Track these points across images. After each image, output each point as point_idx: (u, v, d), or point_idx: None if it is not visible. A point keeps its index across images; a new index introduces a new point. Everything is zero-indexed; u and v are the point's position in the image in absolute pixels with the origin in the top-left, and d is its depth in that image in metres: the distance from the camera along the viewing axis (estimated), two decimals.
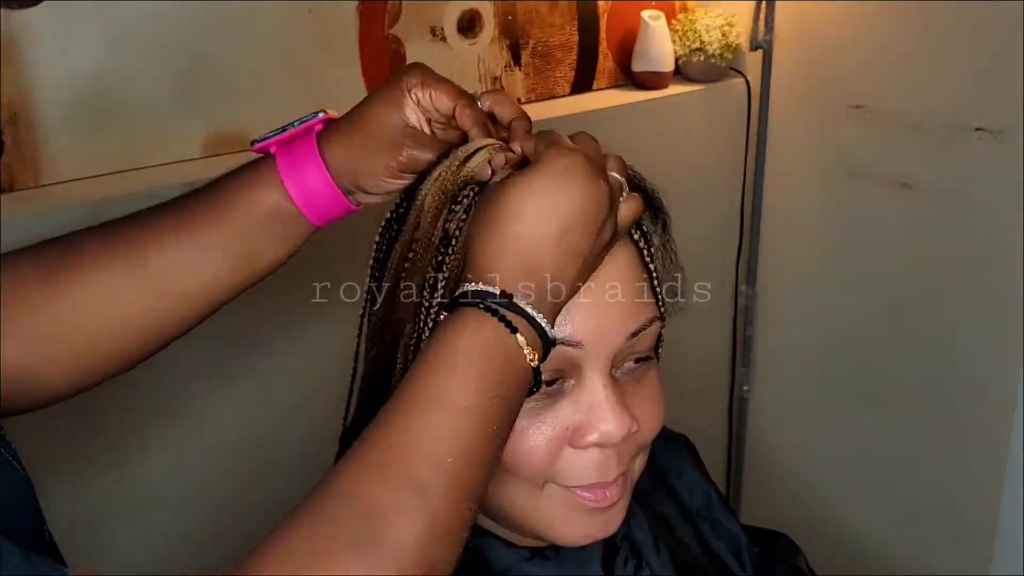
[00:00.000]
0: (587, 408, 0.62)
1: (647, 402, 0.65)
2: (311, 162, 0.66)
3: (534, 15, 1.60)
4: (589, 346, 0.61)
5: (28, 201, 1.18)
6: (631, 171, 0.68)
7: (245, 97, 1.34)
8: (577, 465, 0.63)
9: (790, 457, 1.91)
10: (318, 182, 0.65)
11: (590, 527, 0.65)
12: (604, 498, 0.64)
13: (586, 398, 0.62)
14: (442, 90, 0.64)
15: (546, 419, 0.62)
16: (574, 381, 0.62)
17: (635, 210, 0.62)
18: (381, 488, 0.51)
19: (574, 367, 0.62)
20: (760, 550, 0.87)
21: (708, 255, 1.81)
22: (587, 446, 0.62)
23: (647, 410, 0.65)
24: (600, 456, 0.63)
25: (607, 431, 0.61)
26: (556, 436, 0.62)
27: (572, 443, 0.62)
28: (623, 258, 0.64)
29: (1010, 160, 1.43)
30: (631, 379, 0.65)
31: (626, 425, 0.62)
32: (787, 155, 1.77)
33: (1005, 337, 1.49)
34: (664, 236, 0.70)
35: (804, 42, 1.69)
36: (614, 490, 0.64)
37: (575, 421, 0.62)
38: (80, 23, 1.19)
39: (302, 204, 0.66)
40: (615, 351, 0.63)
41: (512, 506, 0.65)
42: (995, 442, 1.54)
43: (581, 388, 0.62)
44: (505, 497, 0.64)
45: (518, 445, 0.61)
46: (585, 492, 0.64)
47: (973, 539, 1.60)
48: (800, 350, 1.85)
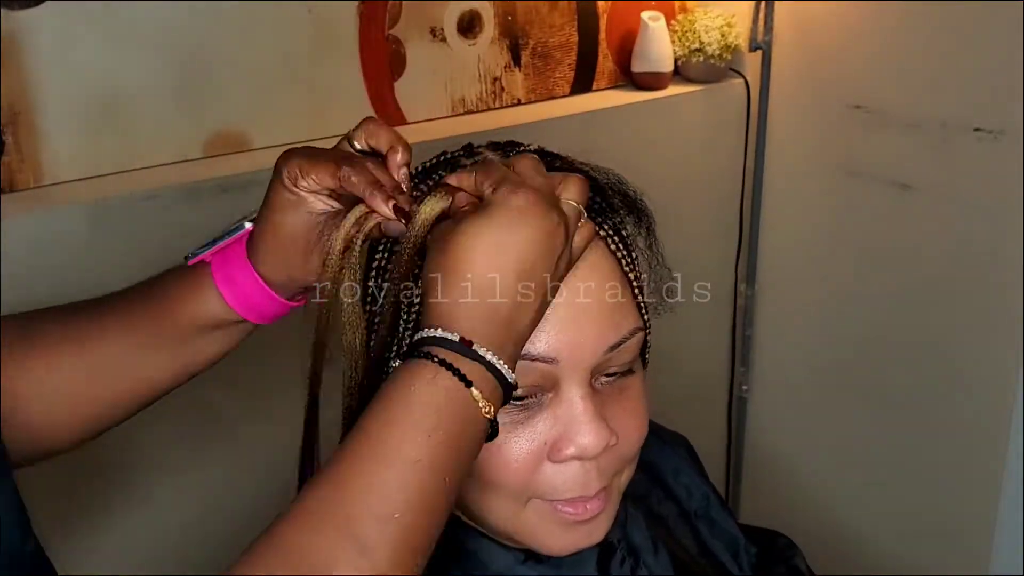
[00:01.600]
0: (565, 421, 0.61)
1: (628, 414, 0.64)
2: (244, 273, 0.67)
3: (534, 15, 1.60)
4: (565, 362, 0.60)
5: (28, 201, 1.18)
6: (609, 177, 0.67)
7: (245, 97, 1.34)
8: (556, 479, 0.62)
9: (789, 457, 1.91)
10: (254, 289, 0.67)
11: (574, 538, 0.65)
12: (585, 511, 0.63)
13: (564, 411, 0.61)
14: (320, 170, 0.62)
15: (524, 433, 0.61)
16: (552, 394, 0.62)
17: (587, 238, 0.61)
18: (323, 541, 0.50)
19: (551, 381, 0.61)
20: (759, 550, 0.87)
21: (708, 255, 1.82)
22: (566, 459, 0.61)
23: (627, 422, 0.64)
24: (580, 469, 0.62)
25: (584, 444, 0.61)
26: (535, 450, 0.61)
27: (551, 457, 0.62)
28: (599, 269, 0.62)
29: (1009, 160, 1.43)
30: (612, 390, 0.64)
31: (604, 438, 0.61)
32: (786, 155, 1.78)
33: (1004, 337, 1.50)
34: (649, 239, 0.69)
35: (803, 42, 1.69)
36: (595, 504, 0.64)
37: (553, 435, 0.61)
38: (80, 23, 1.19)
39: (242, 311, 0.68)
40: (593, 364, 0.62)
41: (496, 519, 0.65)
42: (993, 442, 1.54)
43: (559, 401, 0.61)
44: (488, 510, 0.64)
45: (497, 459, 0.61)
46: (566, 507, 0.63)
47: (971, 539, 1.61)
48: (799, 350, 1.85)
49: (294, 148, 0.64)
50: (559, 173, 0.61)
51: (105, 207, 1.18)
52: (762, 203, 1.82)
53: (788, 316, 1.85)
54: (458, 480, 0.54)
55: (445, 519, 0.54)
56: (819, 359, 1.81)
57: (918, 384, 1.64)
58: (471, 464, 0.56)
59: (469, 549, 0.68)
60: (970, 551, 1.61)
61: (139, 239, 1.20)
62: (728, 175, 1.81)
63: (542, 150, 0.67)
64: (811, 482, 1.87)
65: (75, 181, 1.24)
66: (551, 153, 0.67)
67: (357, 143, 0.66)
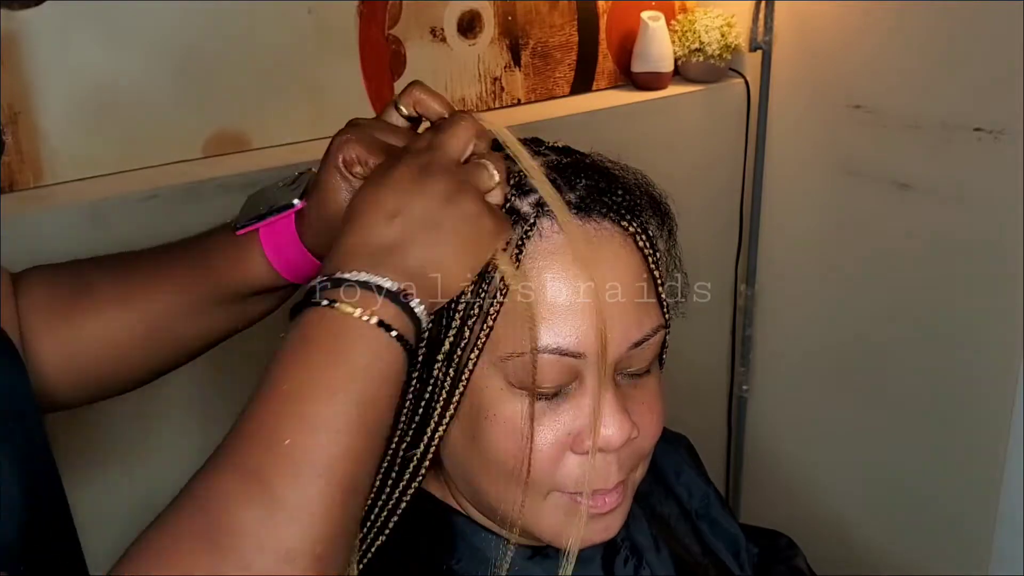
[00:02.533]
0: (589, 413, 0.62)
1: (647, 409, 0.65)
2: (293, 246, 0.71)
3: (534, 15, 1.60)
4: (591, 356, 0.61)
5: (28, 201, 1.18)
6: (638, 177, 0.68)
7: (245, 97, 1.34)
8: (578, 471, 0.63)
9: (789, 456, 1.91)
10: (302, 260, 0.71)
11: (589, 532, 0.65)
12: (604, 504, 0.64)
13: (588, 403, 0.62)
14: (378, 159, 0.64)
15: (548, 424, 0.62)
16: (575, 386, 0.62)
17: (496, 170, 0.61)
18: (220, 478, 0.51)
19: (576, 374, 0.62)
20: (759, 550, 0.87)
21: (708, 255, 1.82)
22: (588, 451, 0.62)
23: (647, 417, 0.65)
24: (602, 462, 0.63)
25: (608, 436, 0.61)
26: (558, 441, 0.62)
27: (574, 448, 0.62)
28: (628, 265, 0.63)
29: (1009, 160, 1.43)
30: (632, 386, 0.65)
31: (627, 430, 0.62)
32: (786, 155, 1.78)
33: (1005, 337, 1.50)
34: (670, 242, 0.69)
35: (803, 42, 1.69)
36: (614, 497, 0.64)
37: (577, 426, 0.62)
38: (80, 23, 1.19)
39: (291, 277, 0.72)
40: (617, 359, 0.62)
41: (510, 509, 0.65)
42: (994, 442, 1.54)
43: (583, 393, 0.62)
44: (502, 500, 0.64)
45: (522, 449, 0.61)
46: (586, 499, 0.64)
47: (972, 539, 1.61)
48: (799, 350, 1.85)
49: (350, 131, 0.66)
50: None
51: (105, 207, 1.18)
52: (762, 203, 1.82)
53: (788, 316, 1.85)
54: (364, 404, 0.53)
55: (367, 447, 0.53)
56: (819, 359, 1.82)
57: (918, 384, 1.64)
58: (385, 388, 0.55)
59: (475, 546, 0.68)
60: (970, 550, 1.61)
61: (139, 239, 1.20)
62: (728, 175, 1.81)
63: (568, 148, 0.68)
64: (811, 482, 1.87)
65: (75, 181, 1.23)
66: (578, 151, 0.68)
67: (404, 108, 0.68)
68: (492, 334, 0.61)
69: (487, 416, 0.62)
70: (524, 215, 0.62)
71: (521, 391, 0.61)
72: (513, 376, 0.61)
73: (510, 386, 0.61)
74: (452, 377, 0.62)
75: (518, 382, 0.61)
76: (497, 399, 0.62)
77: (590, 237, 0.62)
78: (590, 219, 0.62)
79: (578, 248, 0.61)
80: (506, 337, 0.61)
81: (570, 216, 0.62)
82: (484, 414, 0.62)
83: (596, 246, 0.62)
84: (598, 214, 0.63)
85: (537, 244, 0.61)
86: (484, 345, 0.61)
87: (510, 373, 0.61)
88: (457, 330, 0.61)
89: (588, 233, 0.62)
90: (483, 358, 0.62)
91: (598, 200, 0.63)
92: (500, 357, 0.61)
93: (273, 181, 0.75)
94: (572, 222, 0.61)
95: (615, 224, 0.63)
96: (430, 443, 0.63)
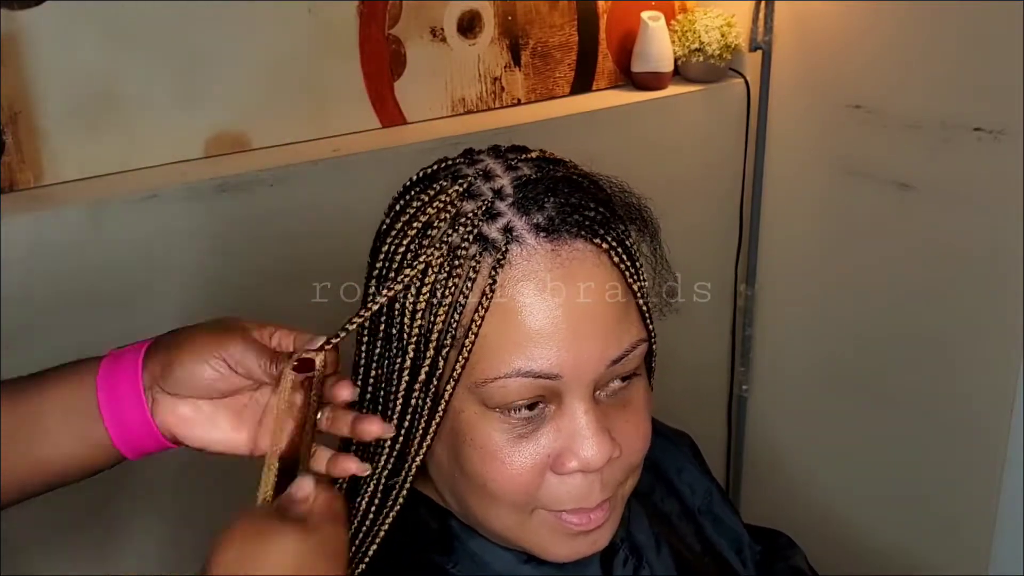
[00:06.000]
0: (568, 434, 0.61)
1: (630, 426, 0.64)
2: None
3: (534, 15, 1.60)
4: (567, 377, 0.60)
5: (28, 201, 1.18)
6: (613, 186, 0.66)
7: (245, 97, 1.34)
8: (560, 491, 0.62)
9: (789, 456, 1.91)
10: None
11: (577, 547, 0.65)
12: (589, 521, 0.64)
13: (567, 424, 0.61)
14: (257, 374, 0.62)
15: (527, 446, 0.61)
16: (555, 407, 0.62)
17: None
18: None
19: (554, 394, 0.61)
20: (761, 548, 0.87)
21: (708, 255, 1.82)
22: (569, 472, 0.62)
23: (630, 434, 0.64)
24: (583, 481, 0.62)
25: (587, 457, 0.61)
26: (538, 463, 0.62)
27: (554, 469, 0.62)
28: (602, 283, 0.61)
29: (1009, 160, 1.43)
30: (615, 401, 0.64)
31: (607, 451, 0.61)
32: (786, 155, 1.78)
33: (1004, 336, 1.50)
34: (654, 244, 0.68)
35: (803, 42, 1.69)
36: (599, 514, 0.64)
37: (556, 447, 0.61)
38: (80, 23, 1.19)
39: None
40: (595, 377, 0.61)
41: (502, 527, 0.65)
42: (994, 442, 1.54)
43: (562, 414, 0.61)
44: (492, 518, 0.64)
45: (500, 472, 0.61)
46: (571, 516, 0.63)
47: (972, 538, 1.61)
48: (799, 350, 1.85)
49: (237, 336, 0.62)
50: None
51: (105, 207, 1.18)
52: (762, 203, 1.82)
53: (788, 316, 1.85)
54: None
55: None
56: (819, 359, 1.82)
57: (918, 383, 1.64)
58: None
59: (471, 550, 0.68)
60: (970, 549, 1.61)
61: (139, 239, 1.20)
62: (728, 175, 1.81)
63: (544, 155, 0.67)
64: (811, 482, 1.87)
65: (75, 181, 1.23)
66: (554, 159, 0.67)
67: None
68: (467, 362, 0.60)
69: (465, 440, 0.62)
70: (493, 242, 0.60)
71: (498, 413, 0.61)
72: (489, 400, 0.61)
73: (486, 409, 0.61)
74: (430, 407, 0.62)
75: (494, 405, 0.61)
76: (475, 424, 0.62)
77: (561, 260, 0.60)
78: (560, 240, 0.60)
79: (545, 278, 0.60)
80: (480, 363, 0.60)
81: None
82: (463, 439, 0.62)
83: (567, 269, 0.60)
84: (568, 234, 0.60)
85: (508, 272, 0.60)
86: (460, 376, 0.61)
87: (486, 397, 0.61)
88: (431, 360, 0.61)
89: (559, 256, 0.60)
90: (459, 385, 0.61)
91: (568, 219, 0.61)
92: (475, 383, 0.61)
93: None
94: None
95: (587, 242, 0.61)
96: (409, 470, 0.63)
